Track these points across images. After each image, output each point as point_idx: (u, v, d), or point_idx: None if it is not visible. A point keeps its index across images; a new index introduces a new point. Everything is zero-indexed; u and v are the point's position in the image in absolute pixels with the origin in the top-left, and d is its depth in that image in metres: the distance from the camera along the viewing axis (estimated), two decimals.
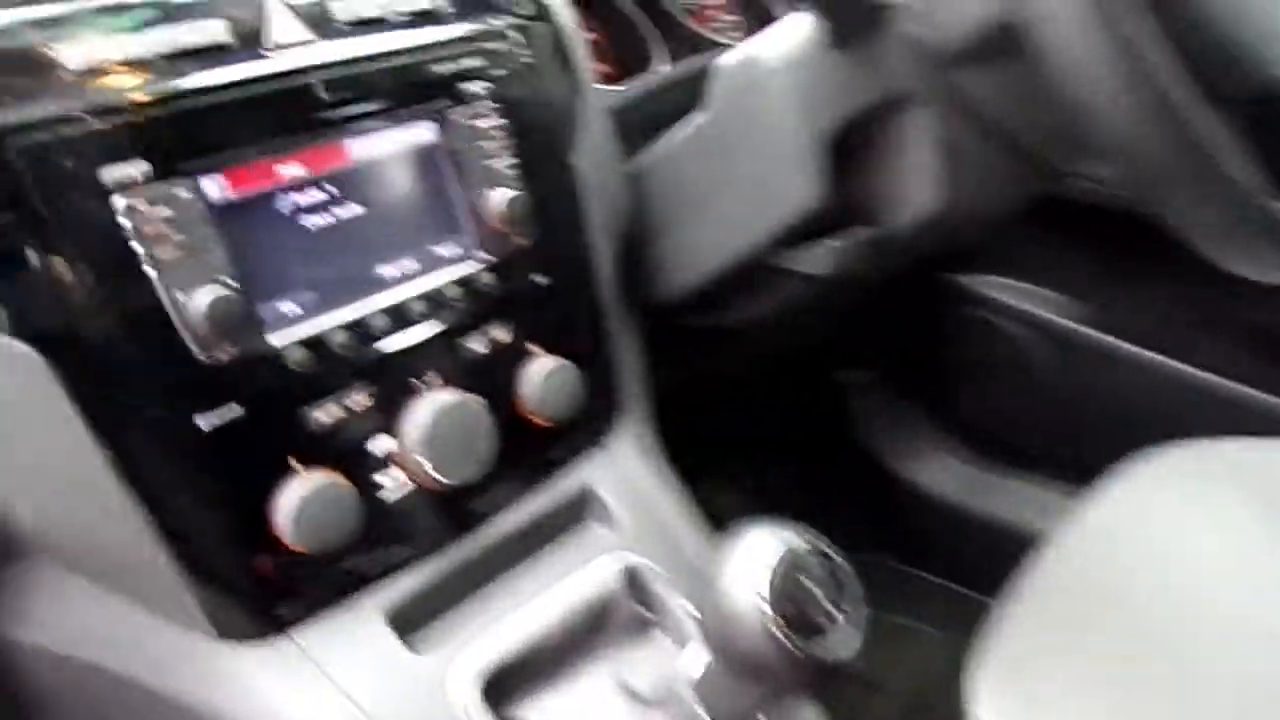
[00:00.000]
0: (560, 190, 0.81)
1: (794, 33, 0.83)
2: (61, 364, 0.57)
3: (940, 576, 1.65)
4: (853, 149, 0.82)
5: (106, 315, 0.58)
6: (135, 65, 0.60)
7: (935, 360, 1.63)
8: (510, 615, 0.73)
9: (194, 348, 0.61)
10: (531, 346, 0.78)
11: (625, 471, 0.85)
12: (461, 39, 0.75)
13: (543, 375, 0.77)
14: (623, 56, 1.20)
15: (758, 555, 0.53)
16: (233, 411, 0.62)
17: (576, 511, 0.82)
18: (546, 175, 0.80)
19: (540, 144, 0.80)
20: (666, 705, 0.64)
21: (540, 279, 0.79)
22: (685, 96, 0.92)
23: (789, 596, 0.52)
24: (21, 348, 0.56)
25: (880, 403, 1.69)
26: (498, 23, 0.78)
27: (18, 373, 0.56)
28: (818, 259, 0.89)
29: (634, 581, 0.77)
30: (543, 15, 0.84)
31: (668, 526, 0.83)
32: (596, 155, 0.87)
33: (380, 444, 0.69)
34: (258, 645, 0.66)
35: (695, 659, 0.61)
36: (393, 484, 0.70)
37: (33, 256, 0.56)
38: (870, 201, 0.85)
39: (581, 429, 0.83)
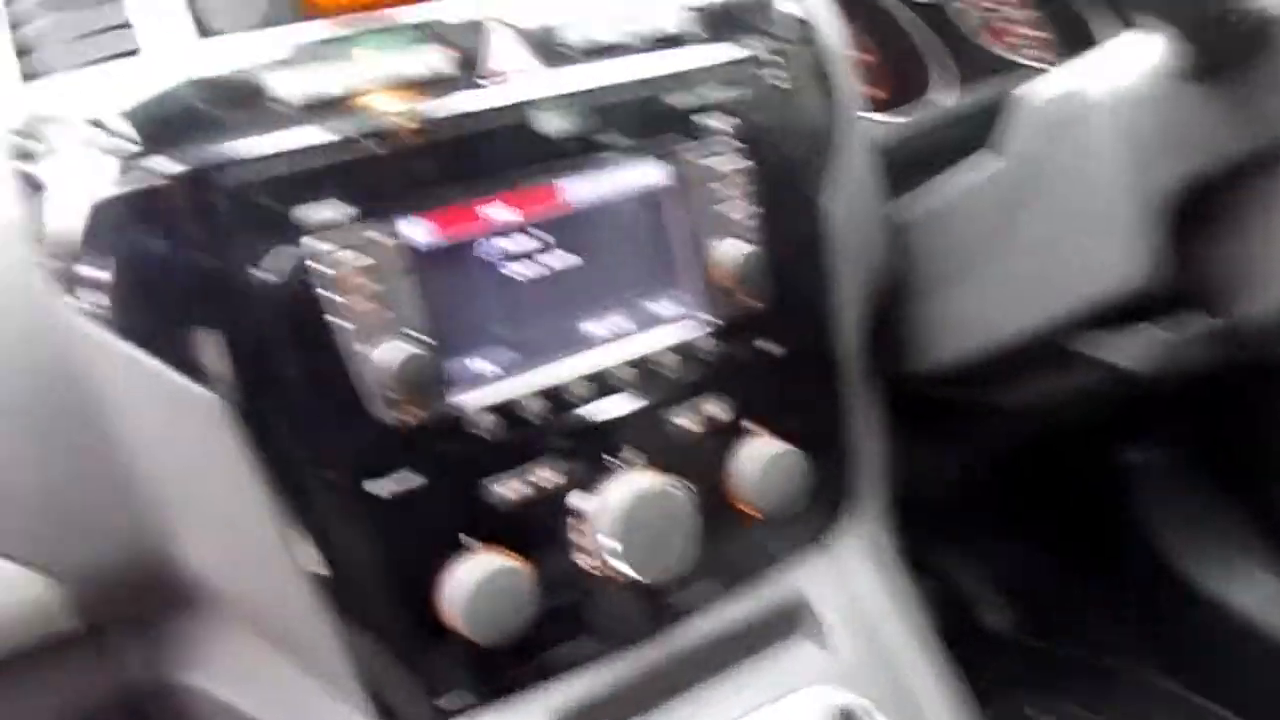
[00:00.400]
0: (805, 242, 0.69)
1: (1131, 59, 0.65)
2: (240, 411, 0.53)
3: (1223, 706, 1.35)
4: (1197, 214, 0.62)
5: (287, 366, 0.53)
6: (347, 99, 0.55)
7: (1255, 446, 1.32)
8: None
9: (375, 407, 0.55)
10: (751, 425, 0.67)
11: (849, 581, 0.72)
12: (706, 69, 0.65)
13: (762, 460, 0.65)
14: (899, 79, 1.05)
15: None
16: (410, 480, 0.56)
17: (786, 624, 0.70)
18: (790, 225, 0.68)
19: (786, 186, 0.68)
20: None
21: (770, 347, 0.67)
22: (973, 131, 0.76)
23: None
24: (203, 391, 0.52)
25: (1174, 492, 1.40)
26: (753, 48, 0.67)
27: (198, 416, 0.53)
28: (1135, 350, 0.69)
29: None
30: (806, 38, 0.72)
31: (897, 659, 0.69)
32: (854, 198, 0.74)
33: (567, 528, 0.61)
34: None
35: None
36: (577, 574, 0.62)
37: (219, 299, 0.52)
38: (1217, 283, 0.65)
39: (801, 525, 0.70)
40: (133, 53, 0.54)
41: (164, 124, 0.52)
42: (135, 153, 0.51)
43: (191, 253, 0.51)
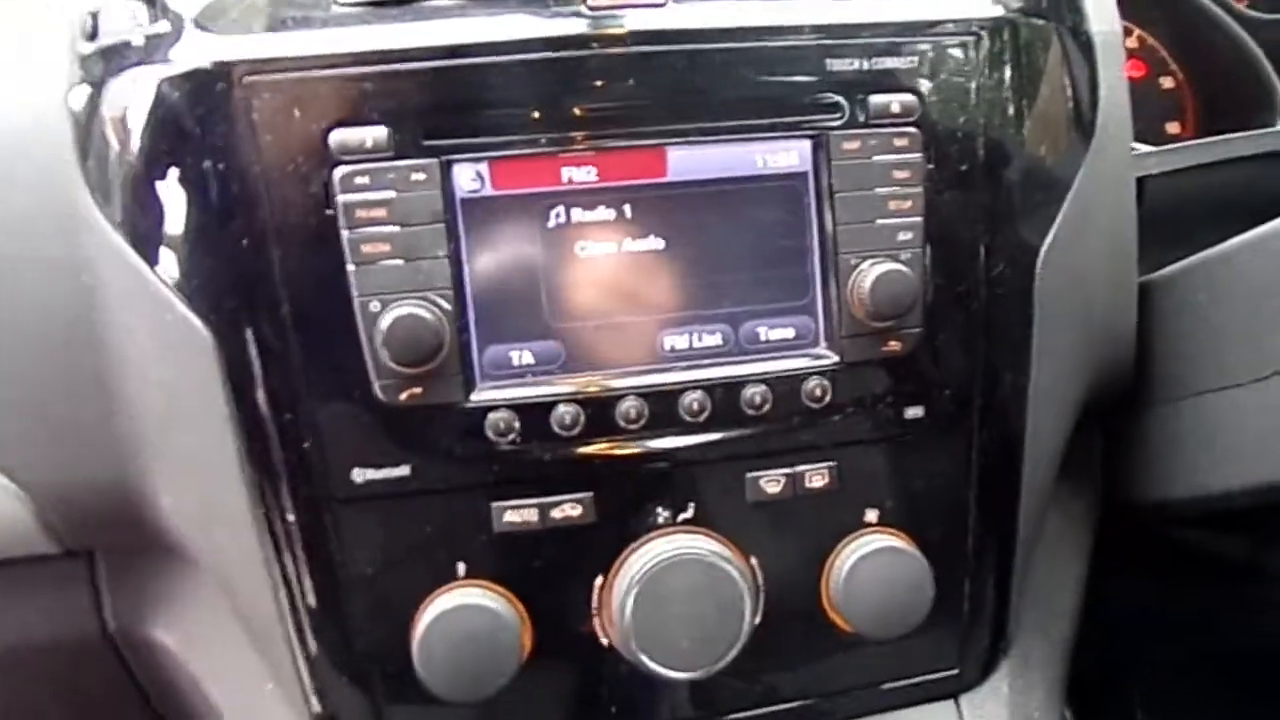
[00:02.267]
0: (998, 291, 0.51)
1: None
2: (226, 351, 0.45)
3: None
4: None
5: (288, 312, 0.45)
6: (415, 2, 0.45)
7: None
8: None
9: (373, 378, 0.45)
10: (865, 512, 0.50)
11: None
12: (894, 25, 0.49)
13: (866, 558, 0.48)
14: (1215, 114, 0.80)
15: None
16: (398, 473, 0.46)
17: None
18: (979, 262, 0.50)
19: (980, 208, 0.50)
20: None
21: (913, 412, 0.50)
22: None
23: None
24: (190, 317, 0.45)
25: None
26: (970, 8, 0.50)
27: (182, 344, 0.46)
28: None
29: None
30: (1059, 11, 0.53)
31: None
32: (1088, 245, 0.54)
33: (581, 582, 0.48)
34: None
35: None
36: (582, 646, 0.48)
37: (227, 217, 0.45)
38: None
39: (920, 662, 0.52)
40: None
41: (214, 8, 0.45)
42: (170, 34, 0.45)
43: (211, 157, 0.44)
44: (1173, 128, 0.80)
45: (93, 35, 0.47)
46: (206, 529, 0.49)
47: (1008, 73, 0.50)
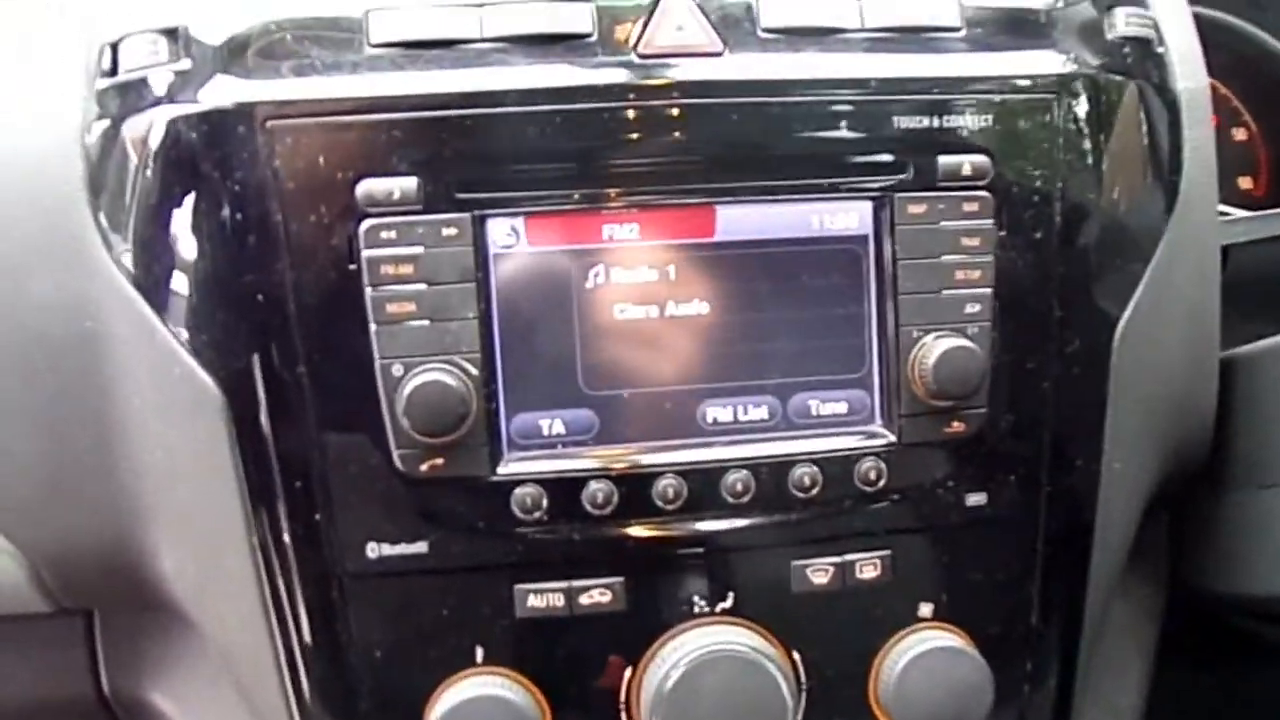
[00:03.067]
0: (1070, 369, 0.47)
1: None
2: (236, 411, 0.42)
3: None
4: None
5: (302, 363, 0.42)
6: (453, 47, 0.42)
7: None
8: None
9: (393, 447, 0.42)
10: (920, 606, 0.46)
11: None
12: (966, 80, 0.45)
13: (920, 656, 0.44)
14: None
15: None
16: (415, 549, 0.43)
17: None
18: (1050, 337, 0.46)
19: (1055, 280, 0.46)
20: None
21: (975, 499, 0.46)
22: None
23: None
24: (199, 372, 0.42)
25: None
26: (1047, 65, 0.46)
27: (188, 400, 0.43)
28: None
29: None
30: (1144, 67, 0.49)
31: None
32: (1169, 319, 0.50)
33: (608, 675, 0.44)
34: None
35: None
36: None
37: (243, 268, 0.42)
38: None
39: None
40: None
41: (239, 46, 0.42)
42: (192, 72, 0.42)
43: (229, 204, 0.42)
44: (1245, 183, 0.76)
45: (112, 70, 0.44)
46: (207, 596, 0.46)
47: (1087, 133, 0.47)
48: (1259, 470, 0.51)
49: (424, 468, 0.42)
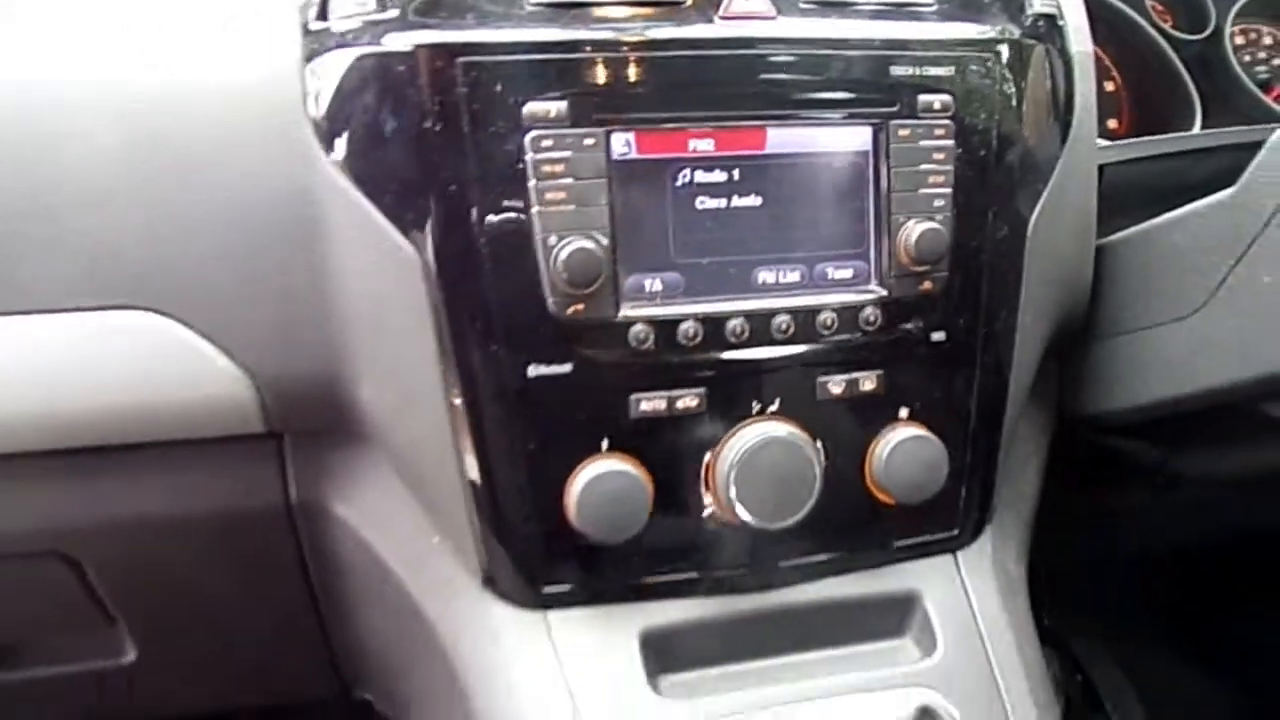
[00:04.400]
0: (1000, 248, 0.67)
1: None
2: (433, 271, 0.58)
3: None
4: None
5: (482, 235, 0.58)
6: (588, 6, 0.59)
7: None
8: (774, 708, 0.63)
9: (548, 295, 0.59)
10: (900, 409, 0.66)
11: (972, 595, 0.70)
12: (937, 41, 0.64)
13: (900, 443, 0.65)
14: (1144, 113, 0.99)
15: None
16: (562, 369, 0.60)
17: (895, 619, 0.69)
18: (989, 226, 0.66)
19: (991, 184, 0.66)
20: None
21: (937, 335, 0.66)
22: (1214, 177, 0.71)
23: None
24: (399, 239, 0.58)
25: None
26: (989, 31, 0.66)
27: (398, 268, 0.58)
28: None
29: None
30: (1050, 35, 0.69)
31: (1003, 683, 0.66)
32: (1064, 215, 0.71)
33: (694, 455, 0.63)
34: (514, 609, 0.64)
35: None
36: (694, 502, 0.63)
37: (439, 165, 0.57)
38: None
39: (931, 524, 0.69)
40: None
41: (432, 3, 0.57)
42: (397, 20, 0.57)
43: (429, 121, 0.57)
44: (1112, 124, 0.98)
45: (322, 14, 0.58)
46: (401, 416, 0.62)
47: (1013, 81, 0.67)
48: (1119, 324, 0.74)
49: (569, 311, 0.59)
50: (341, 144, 0.58)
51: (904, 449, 0.65)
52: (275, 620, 0.78)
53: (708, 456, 0.63)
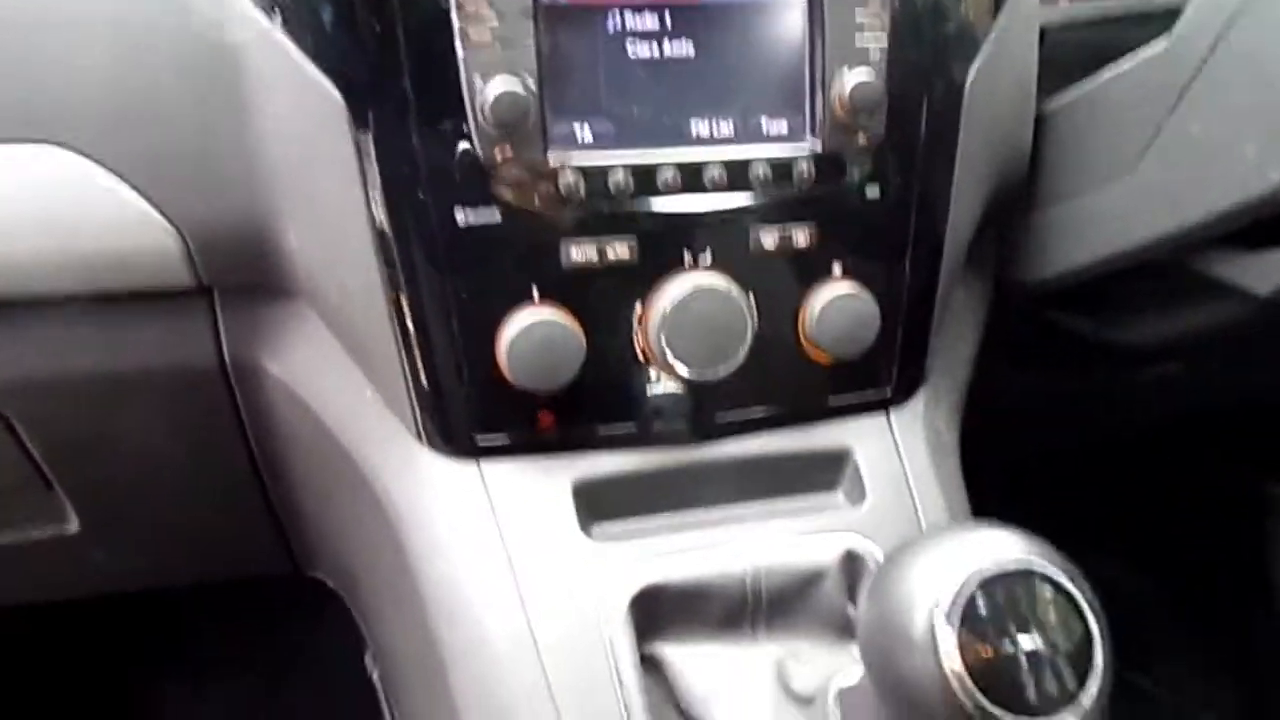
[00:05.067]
0: (938, 105, 0.67)
1: None
2: (354, 107, 0.57)
3: None
4: None
5: (407, 76, 0.57)
6: None
7: None
8: (702, 551, 0.64)
9: (475, 138, 0.58)
10: (834, 265, 0.66)
11: (902, 451, 0.71)
12: None
13: (834, 299, 0.65)
14: None
15: (953, 563, 0.38)
16: (491, 216, 0.60)
17: (827, 474, 0.70)
18: (927, 81, 0.66)
19: (927, 37, 0.66)
20: (811, 708, 0.52)
21: (871, 191, 0.66)
22: (1157, 37, 0.71)
23: (982, 634, 0.36)
24: (323, 80, 0.57)
25: None
26: None
27: (314, 103, 0.58)
28: (1264, 271, 0.64)
29: (850, 568, 0.64)
30: None
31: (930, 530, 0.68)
32: (1002, 76, 0.71)
33: (626, 305, 0.63)
34: (448, 460, 0.64)
35: (855, 665, 0.47)
36: (627, 353, 0.64)
37: (364, 7, 0.56)
38: None
39: (864, 383, 0.70)
40: None
41: None
42: None
43: None
44: None
45: None
46: (330, 267, 0.62)
47: None
48: (1058, 189, 0.74)
49: (496, 154, 0.59)
50: None
51: (836, 305, 0.65)
52: (219, 489, 0.78)
53: (639, 307, 0.63)
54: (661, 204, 0.62)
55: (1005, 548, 0.38)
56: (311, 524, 0.82)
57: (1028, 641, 0.36)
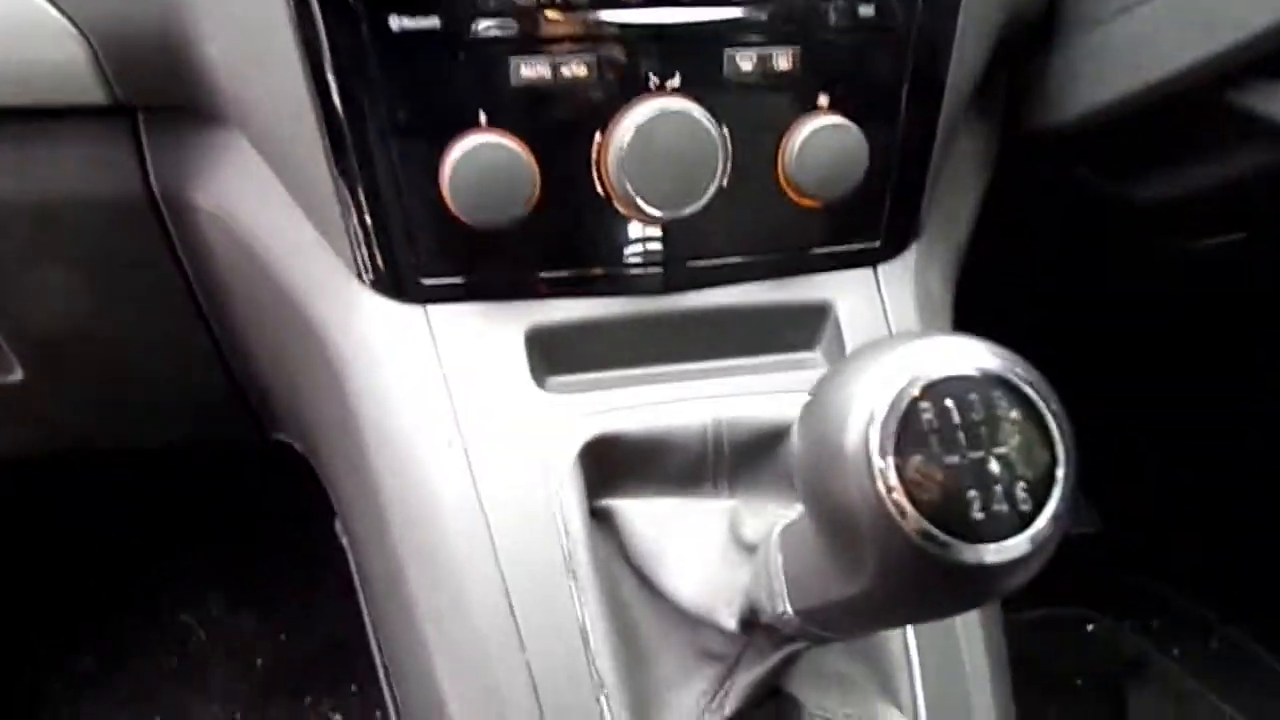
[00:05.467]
0: None
1: None
2: None
3: None
4: None
5: None
6: None
7: None
8: (663, 406, 0.59)
9: None
10: (819, 95, 0.59)
11: (889, 310, 0.65)
12: None
13: (815, 131, 0.58)
14: None
15: (897, 368, 0.32)
16: (429, 22, 0.53)
17: (805, 332, 0.64)
18: None
19: None
20: (755, 555, 0.48)
21: (865, 10, 0.59)
22: None
23: (923, 447, 0.31)
24: None
25: None
26: None
27: None
28: None
29: None
30: None
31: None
32: None
33: (584, 132, 0.57)
34: (392, 303, 0.59)
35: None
36: (585, 186, 0.58)
37: None
38: None
39: (851, 232, 0.64)
40: None
41: None
42: None
43: None
44: None
45: None
46: (255, 81, 0.56)
47: None
48: (1080, 16, 0.66)
49: None
50: None
51: (819, 138, 0.58)
52: (167, 341, 0.74)
53: (599, 136, 0.57)
54: (625, 15, 0.55)
55: (958, 352, 0.33)
56: (268, 381, 0.78)
57: (977, 456, 0.31)
